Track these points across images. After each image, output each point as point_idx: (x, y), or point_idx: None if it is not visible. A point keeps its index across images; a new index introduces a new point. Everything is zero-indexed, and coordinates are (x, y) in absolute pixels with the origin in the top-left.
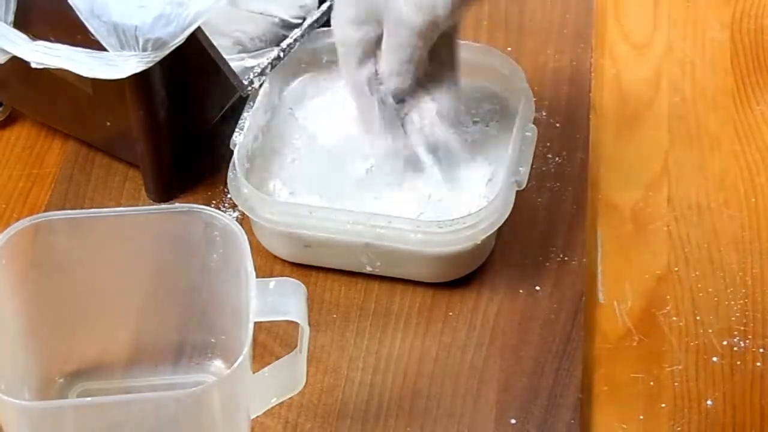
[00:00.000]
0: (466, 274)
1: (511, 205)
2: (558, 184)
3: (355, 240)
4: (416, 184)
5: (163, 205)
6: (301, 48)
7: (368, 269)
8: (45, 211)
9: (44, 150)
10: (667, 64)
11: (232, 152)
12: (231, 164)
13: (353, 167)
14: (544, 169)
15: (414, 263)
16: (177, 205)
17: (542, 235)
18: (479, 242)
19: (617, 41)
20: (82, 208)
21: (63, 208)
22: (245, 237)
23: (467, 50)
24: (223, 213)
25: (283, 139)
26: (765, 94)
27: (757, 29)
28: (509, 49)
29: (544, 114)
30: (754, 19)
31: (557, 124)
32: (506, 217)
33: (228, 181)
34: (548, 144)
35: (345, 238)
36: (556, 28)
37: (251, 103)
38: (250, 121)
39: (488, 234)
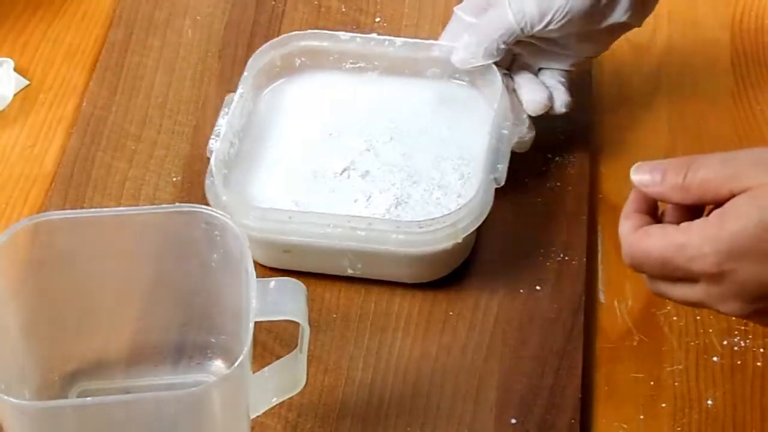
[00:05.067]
0: (463, 274)
1: (491, 203)
2: (558, 183)
3: (336, 243)
4: (393, 185)
5: (163, 205)
6: (274, 52)
7: (349, 272)
8: (45, 211)
9: (44, 150)
10: (667, 64)
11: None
12: (208, 171)
13: (330, 170)
14: (544, 169)
15: (395, 264)
16: (177, 205)
17: (542, 235)
18: (460, 241)
19: (617, 41)
20: (82, 208)
21: (63, 208)
22: (245, 237)
23: None
24: (223, 213)
25: (258, 144)
26: (765, 93)
27: (757, 29)
28: None
29: (543, 114)
30: (754, 19)
31: (557, 124)
32: (486, 215)
33: (206, 188)
34: (548, 144)
35: (326, 241)
36: None
37: (226, 109)
38: (225, 127)
39: (469, 232)
